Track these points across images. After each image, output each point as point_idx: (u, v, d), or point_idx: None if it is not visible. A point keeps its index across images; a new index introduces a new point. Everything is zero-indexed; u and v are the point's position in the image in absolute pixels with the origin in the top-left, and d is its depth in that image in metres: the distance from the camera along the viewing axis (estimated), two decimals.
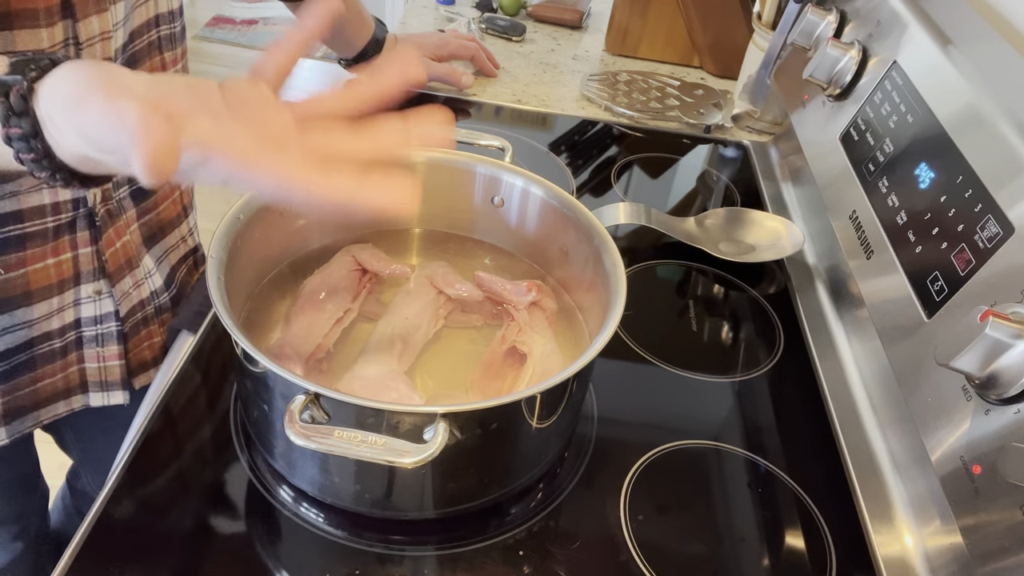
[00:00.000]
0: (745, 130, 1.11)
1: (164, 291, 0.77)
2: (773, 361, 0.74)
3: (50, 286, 0.66)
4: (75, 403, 0.74)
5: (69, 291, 0.68)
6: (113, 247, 0.68)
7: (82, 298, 0.69)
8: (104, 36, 0.60)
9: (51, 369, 0.70)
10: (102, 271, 0.69)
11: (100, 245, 0.67)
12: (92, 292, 0.69)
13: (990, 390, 0.48)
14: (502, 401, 0.50)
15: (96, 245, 0.67)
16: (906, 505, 0.59)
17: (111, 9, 0.60)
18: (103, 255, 0.68)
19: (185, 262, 0.81)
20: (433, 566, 0.54)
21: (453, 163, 0.69)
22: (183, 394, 0.63)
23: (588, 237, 0.62)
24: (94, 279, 0.69)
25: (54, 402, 0.73)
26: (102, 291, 0.70)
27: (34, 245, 0.63)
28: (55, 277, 0.66)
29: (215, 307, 0.50)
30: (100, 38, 0.59)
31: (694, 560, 0.56)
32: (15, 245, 0.62)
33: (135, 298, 0.73)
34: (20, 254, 0.63)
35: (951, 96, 0.63)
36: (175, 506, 0.55)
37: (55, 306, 0.67)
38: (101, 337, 0.72)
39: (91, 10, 0.58)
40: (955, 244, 0.56)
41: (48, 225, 0.63)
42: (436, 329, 0.64)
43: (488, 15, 1.31)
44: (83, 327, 0.71)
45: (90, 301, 0.70)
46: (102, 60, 0.60)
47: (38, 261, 0.64)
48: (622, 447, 0.63)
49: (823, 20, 0.84)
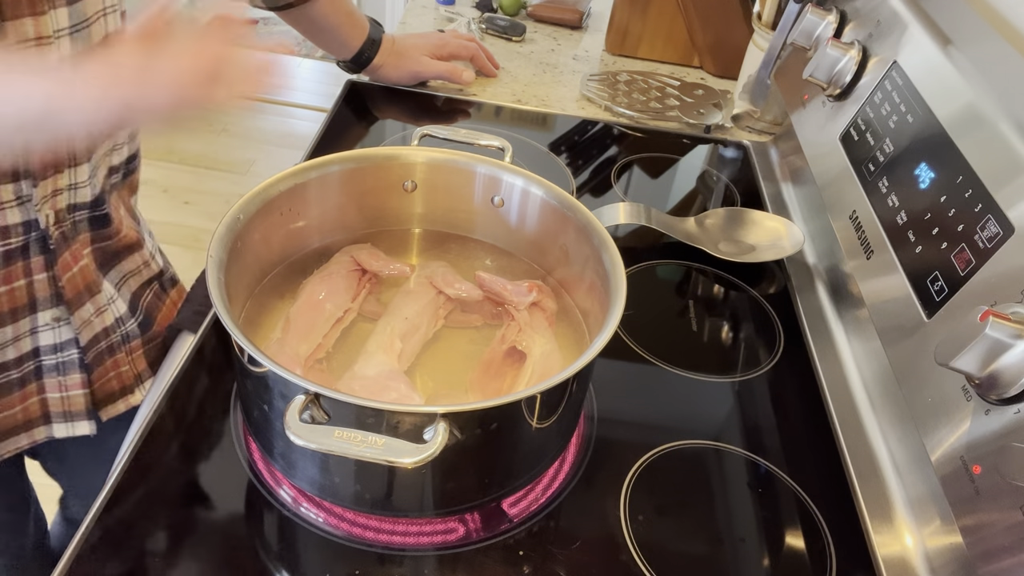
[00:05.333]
0: (745, 130, 1.11)
1: (130, 318, 0.74)
2: (773, 361, 0.74)
3: (2, 315, 0.63)
4: (37, 435, 0.72)
5: (25, 319, 0.65)
6: (70, 271, 0.66)
7: (39, 326, 0.67)
8: (41, 41, 0.56)
9: (8, 401, 0.68)
10: (59, 297, 0.66)
11: (56, 270, 0.65)
12: (50, 319, 0.67)
13: (990, 390, 0.48)
14: (502, 401, 0.50)
15: (52, 271, 0.65)
16: (906, 505, 0.59)
17: (50, 14, 0.56)
18: (59, 281, 0.65)
19: (150, 287, 0.78)
20: (433, 566, 0.54)
21: (453, 163, 0.69)
22: (183, 394, 0.63)
23: (588, 237, 0.62)
24: (52, 305, 0.66)
25: (14, 434, 0.70)
26: (60, 318, 0.67)
27: None
28: (7, 305, 0.63)
29: (215, 307, 0.50)
30: (35, 42, 0.56)
31: (694, 560, 0.56)
32: None
33: (97, 326, 0.70)
34: None
35: (951, 96, 0.63)
36: (175, 505, 0.55)
37: (9, 335, 0.65)
38: (62, 365, 0.69)
39: (24, 11, 0.55)
40: (955, 244, 0.56)
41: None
42: (436, 329, 0.64)
43: (488, 15, 1.31)
44: (42, 355, 0.68)
45: (48, 329, 0.67)
46: None
47: None
48: (622, 447, 0.63)
49: (823, 20, 0.84)
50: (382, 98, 1.08)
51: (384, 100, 1.08)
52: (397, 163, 0.69)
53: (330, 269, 0.66)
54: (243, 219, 0.58)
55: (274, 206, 0.62)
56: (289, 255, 0.67)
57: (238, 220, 0.58)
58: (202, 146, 2.73)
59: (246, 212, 0.59)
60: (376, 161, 0.68)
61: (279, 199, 0.62)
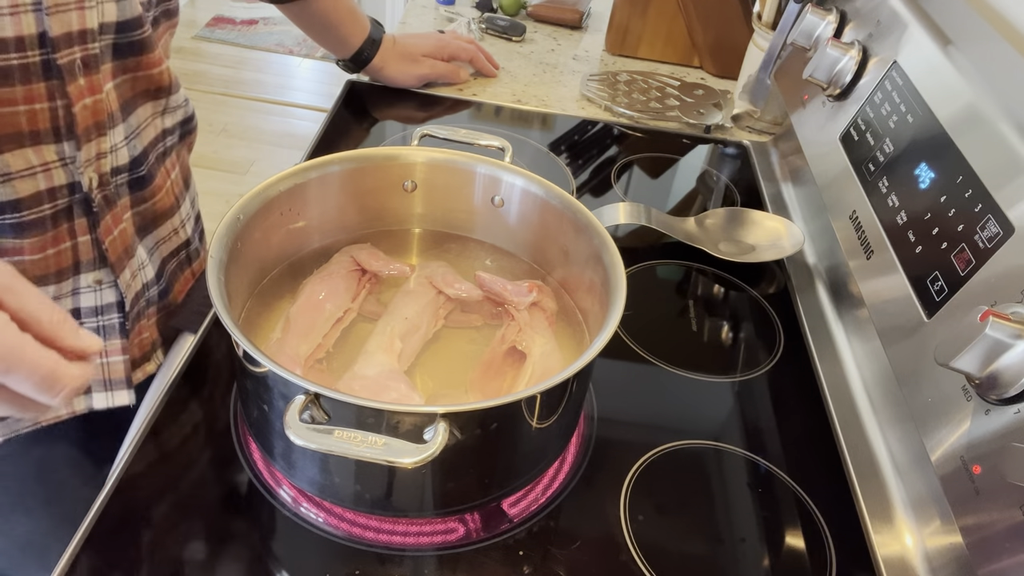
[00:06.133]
0: (745, 130, 1.11)
1: (155, 284, 0.75)
2: (773, 361, 0.74)
3: (47, 275, 0.64)
4: (77, 405, 0.72)
5: (67, 280, 0.66)
6: (111, 235, 0.67)
7: (81, 287, 0.67)
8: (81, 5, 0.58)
9: None
10: (103, 260, 0.67)
11: (99, 233, 0.66)
12: (92, 281, 0.68)
13: (990, 390, 0.48)
14: (502, 401, 0.50)
15: (95, 233, 0.66)
16: (906, 505, 0.59)
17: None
18: (102, 243, 0.66)
19: (176, 256, 0.80)
20: (433, 566, 0.54)
21: (453, 163, 0.69)
22: (183, 394, 0.63)
23: (588, 237, 0.62)
24: (94, 268, 0.67)
25: None
26: (102, 280, 0.68)
27: (32, 234, 0.62)
28: (54, 266, 0.65)
29: (215, 307, 0.50)
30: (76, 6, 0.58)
31: (694, 560, 0.56)
32: (12, 233, 0.61)
33: (134, 289, 0.72)
34: (17, 242, 0.61)
35: (951, 96, 0.63)
36: (175, 506, 0.55)
37: (51, 295, 0.65)
38: (103, 329, 0.70)
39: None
40: (955, 244, 0.56)
41: (46, 213, 0.62)
42: (436, 329, 0.64)
43: (488, 15, 1.31)
44: (83, 318, 0.69)
45: (89, 291, 0.68)
46: None
47: (36, 251, 0.63)
48: (622, 447, 0.63)
49: (823, 20, 0.84)
50: (382, 98, 1.08)
51: (384, 100, 1.08)
52: (397, 163, 0.69)
53: (330, 269, 0.66)
54: (243, 219, 0.58)
55: (274, 206, 0.62)
56: (289, 255, 0.67)
57: (238, 220, 0.58)
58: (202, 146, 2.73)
59: (246, 212, 0.59)
60: (376, 161, 0.68)
61: (279, 199, 0.62)
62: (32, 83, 0.57)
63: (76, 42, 0.58)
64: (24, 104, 0.57)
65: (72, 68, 0.59)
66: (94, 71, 0.60)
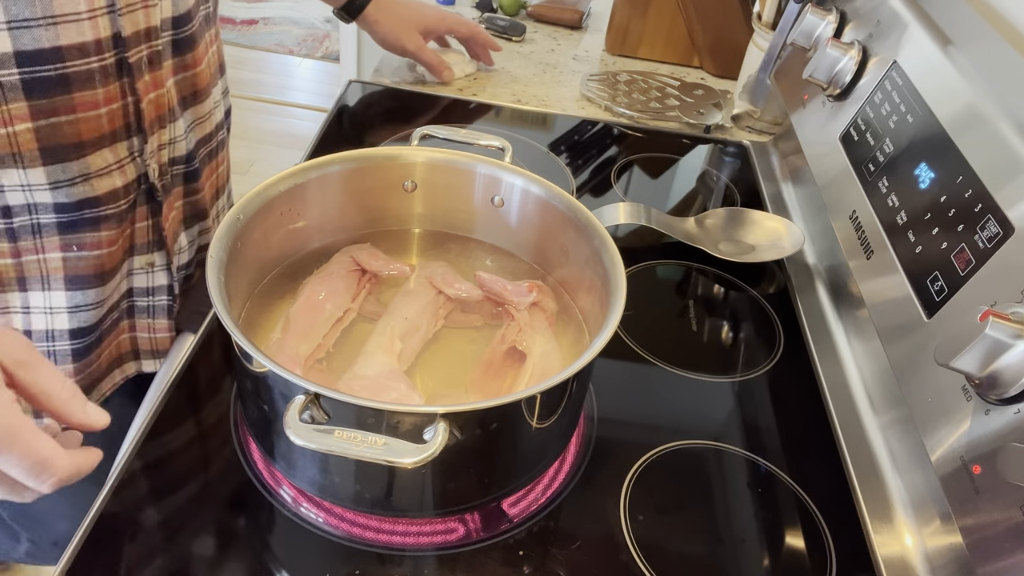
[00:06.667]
0: (745, 130, 1.11)
1: (184, 269, 0.78)
2: (773, 361, 0.74)
3: (116, 262, 0.68)
4: (128, 369, 0.76)
5: (125, 263, 0.69)
6: (168, 222, 0.70)
7: (135, 268, 0.70)
8: (146, 4, 0.60)
9: (109, 340, 0.72)
10: (159, 244, 0.70)
11: (160, 219, 0.69)
12: (144, 264, 0.71)
13: (990, 390, 0.48)
14: (502, 401, 0.50)
15: (156, 219, 0.69)
16: (906, 505, 0.59)
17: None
18: (163, 230, 0.70)
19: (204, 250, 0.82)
20: (433, 566, 0.54)
21: (453, 163, 0.69)
22: (183, 394, 0.63)
23: (588, 237, 0.62)
24: (147, 251, 0.70)
25: (110, 371, 0.74)
26: (155, 263, 0.71)
27: (109, 227, 0.64)
28: (120, 252, 0.68)
29: (215, 307, 0.50)
30: (142, 5, 0.60)
31: (694, 560, 0.56)
32: (90, 227, 0.63)
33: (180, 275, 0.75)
34: (96, 235, 0.64)
35: (951, 96, 0.63)
36: (175, 506, 0.55)
37: (118, 281, 0.69)
38: (152, 309, 0.73)
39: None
40: (955, 244, 0.56)
41: (122, 206, 0.65)
42: (436, 329, 0.64)
43: (488, 15, 1.31)
44: (135, 297, 0.72)
45: (142, 273, 0.71)
46: None
47: (114, 243, 0.66)
48: (622, 447, 0.63)
49: (823, 20, 0.84)
50: (382, 98, 1.08)
51: (384, 100, 1.08)
52: (397, 163, 0.69)
53: (330, 269, 0.66)
54: (243, 219, 0.58)
55: (274, 206, 0.62)
56: (289, 255, 0.67)
57: (238, 220, 0.58)
58: None
59: (246, 212, 0.59)
60: (376, 161, 0.68)
61: (279, 199, 0.63)
62: (110, 84, 0.59)
63: (143, 40, 0.61)
64: (105, 105, 0.60)
65: (140, 65, 0.61)
66: (157, 67, 0.63)
